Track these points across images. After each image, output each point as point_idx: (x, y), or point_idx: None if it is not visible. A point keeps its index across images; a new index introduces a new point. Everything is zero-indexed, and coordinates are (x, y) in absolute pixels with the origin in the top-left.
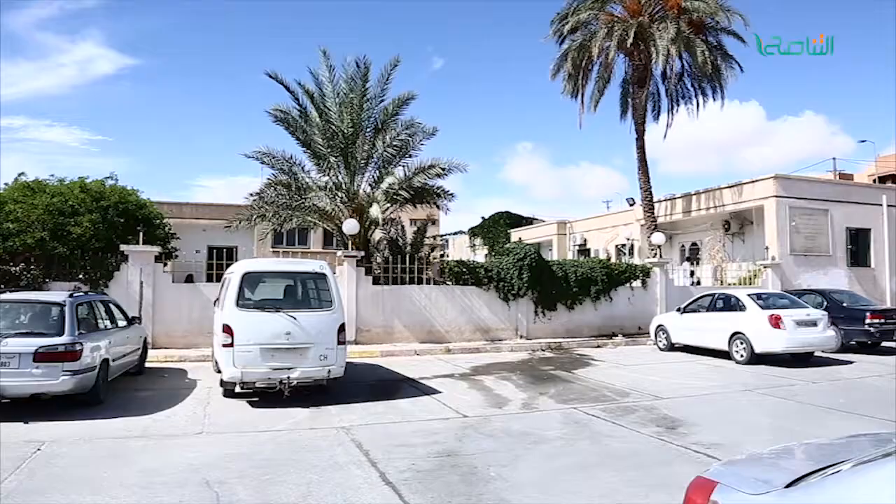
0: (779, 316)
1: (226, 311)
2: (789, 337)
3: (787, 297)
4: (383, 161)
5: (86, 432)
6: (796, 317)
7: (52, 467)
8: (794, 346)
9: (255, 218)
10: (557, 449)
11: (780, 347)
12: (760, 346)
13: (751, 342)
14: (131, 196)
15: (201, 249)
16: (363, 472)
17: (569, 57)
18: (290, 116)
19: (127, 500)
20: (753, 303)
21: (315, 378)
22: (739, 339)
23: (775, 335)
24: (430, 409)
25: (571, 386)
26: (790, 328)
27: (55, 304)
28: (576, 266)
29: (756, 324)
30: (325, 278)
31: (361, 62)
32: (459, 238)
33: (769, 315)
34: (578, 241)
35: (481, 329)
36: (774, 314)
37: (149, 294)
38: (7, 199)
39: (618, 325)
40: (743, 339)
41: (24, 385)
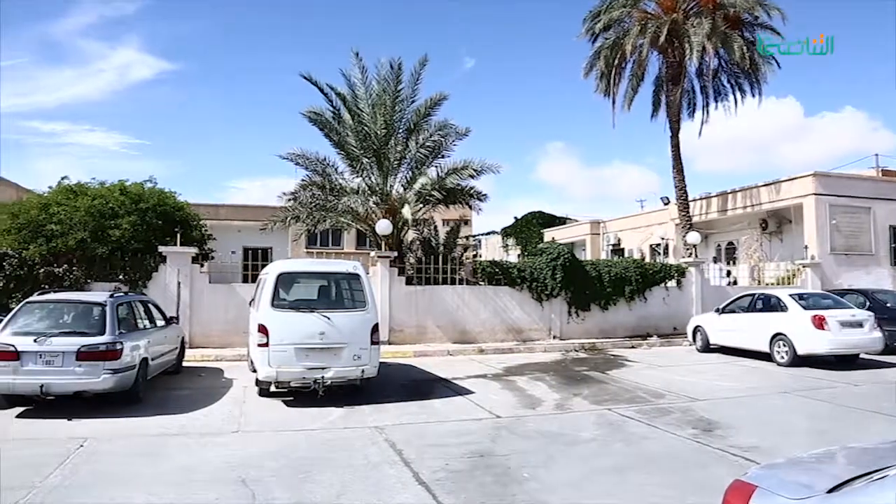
0: (822, 317)
1: (261, 312)
2: (833, 338)
3: (830, 298)
4: (416, 162)
5: (126, 430)
6: (841, 317)
7: (94, 463)
8: (838, 347)
9: (289, 219)
10: (591, 450)
11: (823, 349)
12: (803, 348)
13: (793, 343)
14: (169, 198)
15: (237, 250)
16: (396, 471)
17: (601, 55)
18: (324, 118)
19: (166, 497)
20: (795, 303)
21: (349, 378)
22: (781, 341)
23: (819, 336)
24: (463, 409)
25: (605, 387)
26: (834, 329)
27: (96, 305)
28: (609, 266)
29: (799, 325)
30: (358, 279)
31: (394, 63)
32: (492, 238)
33: (812, 316)
34: (612, 240)
35: (514, 329)
36: (818, 315)
37: (186, 294)
38: (51, 201)
39: (652, 326)
40: (785, 341)
41: (68, 383)
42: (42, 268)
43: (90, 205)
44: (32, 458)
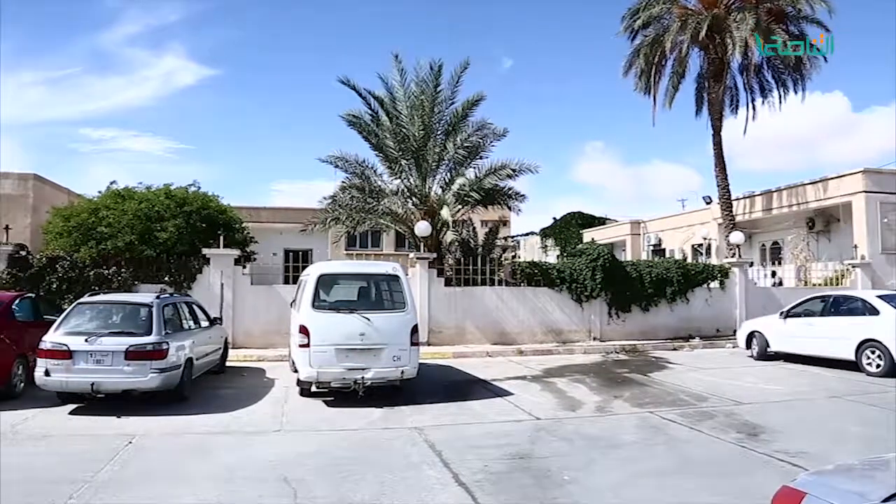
0: None
1: (302, 313)
2: None
3: None
4: (454, 163)
5: (172, 427)
6: None
7: (142, 460)
8: None
9: (329, 221)
10: (633, 454)
11: None
12: None
13: (891, 351)
14: (212, 202)
15: (278, 252)
16: (436, 472)
17: (641, 53)
18: (363, 121)
19: (210, 493)
20: (888, 306)
21: (388, 378)
22: (872, 348)
23: None
24: (502, 410)
25: (647, 389)
26: None
27: (144, 306)
28: (650, 266)
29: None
30: (398, 280)
31: (434, 65)
32: (531, 239)
33: None
34: (653, 241)
35: (553, 331)
36: None
37: (229, 296)
38: (100, 205)
39: (695, 328)
40: (878, 348)
41: (117, 381)
42: (92, 269)
43: (137, 208)
44: (85, 453)
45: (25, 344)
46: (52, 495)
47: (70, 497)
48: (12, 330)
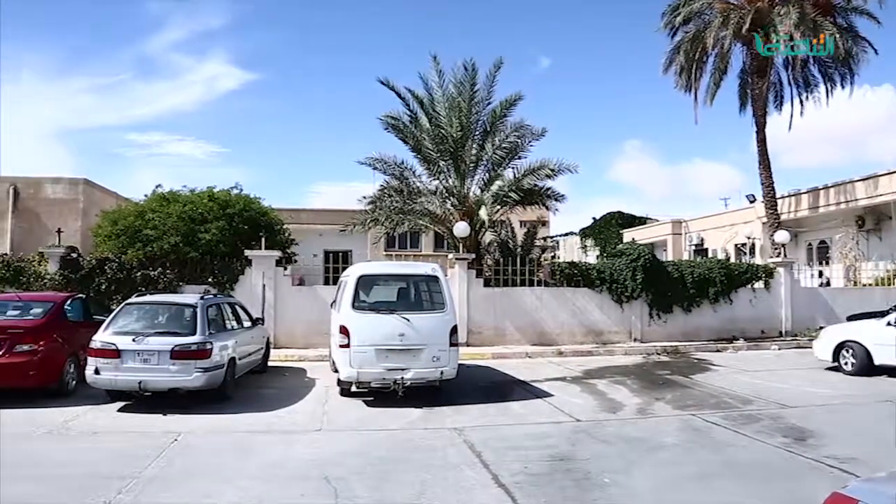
0: None
1: (342, 313)
2: None
3: None
4: (492, 163)
5: (216, 426)
6: None
7: (187, 457)
8: None
9: (368, 222)
10: (675, 456)
11: None
12: None
13: None
14: (254, 204)
15: (318, 253)
16: (476, 473)
17: (681, 49)
18: (401, 122)
19: (253, 491)
20: None
21: (428, 379)
22: None
23: None
24: (541, 412)
25: (689, 391)
26: None
27: (188, 306)
28: (692, 267)
29: None
30: (437, 281)
31: (469, 65)
32: (570, 239)
33: None
34: (694, 240)
35: (593, 332)
36: None
37: (270, 296)
38: (146, 208)
39: (739, 329)
40: None
41: (163, 380)
42: (139, 271)
43: (181, 211)
44: (133, 449)
45: (76, 343)
46: (102, 490)
47: (119, 492)
48: (64, 330)
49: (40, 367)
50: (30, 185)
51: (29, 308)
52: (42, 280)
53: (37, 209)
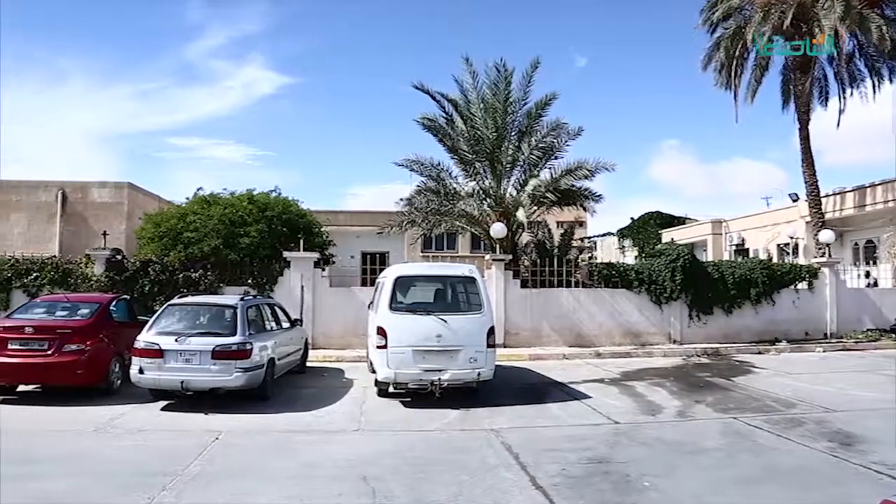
0: None
1: (379, 314)
2: None
3: None
4: (529, 164)
5: (255, 425)
6: None
7: (228, 455)
8: None
9: (405, 224)
10: (716, 460)
11: None
12: None
13: None
14: (292, 206)
15: (355, 255)
16: (513, 475)
17: (721, 46)
18: (437, 124)
19: (292, 490)
20: None
21: (465, 380)
22: None
23: None
24: (579, 414)
25: (730, 394)
26: None
27: (228, 307)
28: (733, 267)
29: None
30: (474, 282)
31: (504, 67)
32: (608, 240)
33: None
34: (735, 240)
35: (631, 333)
36: None
37: (309, 298)
38: (188, 211)
39: (781, 331)
40: None
41: (204, 380)
42: (181, 273)
43: (222, 213)
44: (176, 448)
45: (122, 343)
46: (147, 487)
47: (163, 489)
48: (110, 330)
49: (88, 366)
50: (77, 190)
51: (77, 309)
52: (89, 281)
53: (84, 212)
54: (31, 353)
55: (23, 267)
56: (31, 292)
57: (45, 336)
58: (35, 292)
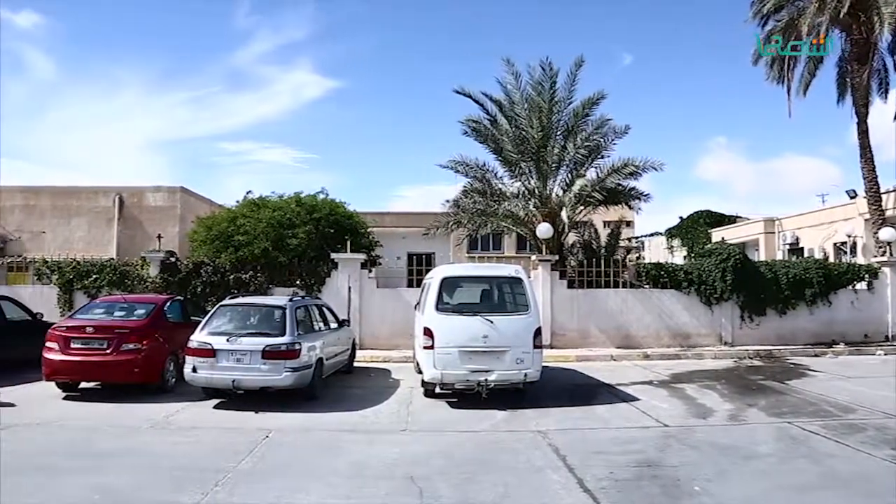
0: None
1: (426, 315)
2: None
3: None
4: (574, 163)
5: (304, 424)
6: None
7: (278, 453)
8: None
9: (451, 225)
10: (770, 466)
11: None
12: None
13: None
14: (339, 208)
15: (401, 256)
16: (560, 477)
17: (772, 39)
18: (481, 125)
19: (340, 489)
20: None
21: (512, 381)
22: None
23: None
24: (628, 416)
25: (785, 398)
26: None
27: (278, 308)
28: (787, 267)
29: None
30: (520, 282)
31: (549, 66)
32: (656, 239)
33: None
34: (789, 239)
35: (681, 335)
36: None
37: (356, 298)
38: (238, 214)
39: (838, 333)
40: None
41: (255, 379)
42: (232, 274)
43: (271, 216)
44: (228, 445)
45: (176, 343)
46: (201, 482)
47: (216, 484)
48: (165, 330)
49: (144, 364)
50: (133, 195)
51: (133, 309)
52: (144, 283)
53: (139, 216)
54: (91, 351)
55: (84, 269)
56: (92, 293)
57: (105, 336)
58: (95, 293)
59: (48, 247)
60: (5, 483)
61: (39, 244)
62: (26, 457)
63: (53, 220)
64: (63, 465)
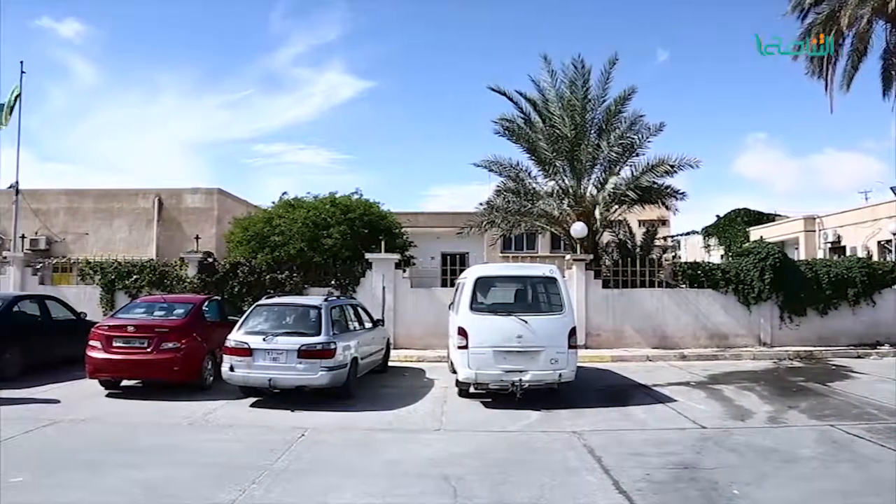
0: None
1: (460, 315)
2: None
3: None
4: (608, 162)
5: (339, 423)
6: None
7: (314, 451)
8: None
9: (484, 224)
10: (812, 470)
11: None
12: None
13: None
14: (373, 208)
15: (435, 256)
16: (596, 478)
17: (812, 32)
18: (515, 124)
19: (375, 487)
20: None
21: (546, 381)
22: None
23: None
24: (664, 417)
25: (826, 400)
26: None
27: (313, 308)
28: (828, 266)
29: None
30: (555, 282)
31: (580, 63)
32: (692, 238)
33: None
34: (830, 237)
35: (718, 335)
36: None
37: (390, 298)
38: (273, 215)
39: (883, 334)
40: None
41: (291, 378)
42: (268, 274)
43: (306, 216)
44: (264, 443)
45: (213, 342)
46: (238, 479)
47: (253, 482)
48: (203, 329)
49: (183, 363)
50: (172, 196)
51: (172, 309)
52: (183, 283)
53: (178, 218)
54: (132, 350)
55: (125, 269)
56: (132, 293)
57: (145, 335)
58: (135, 293)
59: (91, 248)
60: (53, 477)
61: (83, 245)
62: (71, 452)
63: (96, 221)
64: (106, 461)
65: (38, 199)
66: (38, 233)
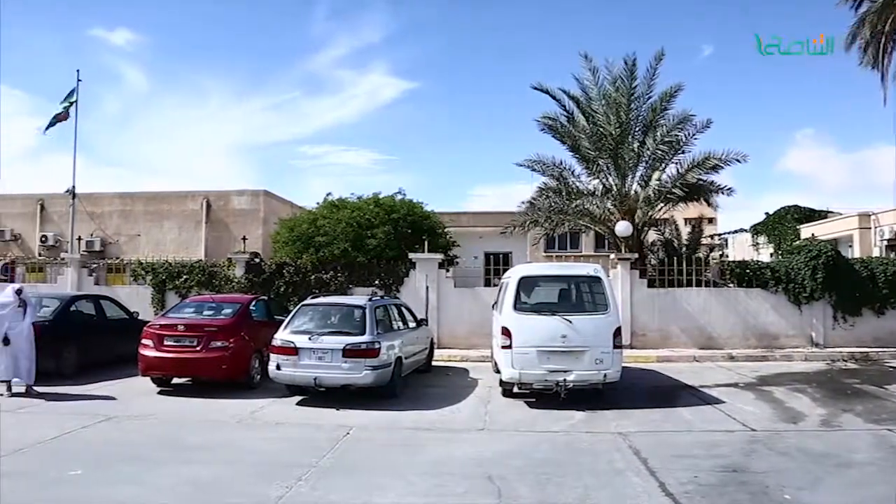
0: None
1: (504, 315)
2: None
3: None
4: (653, 159)
5: (384, 422)
6: None
7: (359, 450)
8: None
9: (527, 224)
10: (868, 476)
11: None
12: None
13: None
14: (417, 208)
15: (478, 255)
16: (641, 480)
17: (866, 22)
18: (558, 123)
19: (419, 486)
20: None
21: (590, 381)
22: None
23: None
24: (711, 419)
25: (884, 403)
26: None
27: (358, 307)
28: (885, 264)
29: None
30: (599, 282)
31: (627, 60)
32: (740, 237)
33: None
34: (886, 235)
35: (767, 335)
36: None
37: (433, 298)
38: (318, 215)
39: None
40: None
41: (336, 377)
42: (313, 274)
43: (350, 217)
44: (310, 440)
45: (260, 341)
46: (284, 476)
47: (299, 479)
48: (250, 328)
49: (231, 361)
50: (220, 198)
51: (221, 309)
52: (231, 283)
53: (225, 219)
54: (182, 348)
55: (175, 270)
56: (182, 293)
57: (195, 333)
58: (185, 293)
59: (142, 249)
60: (107, 471)
61: (135, 246)
62: (125, 447)
63: (147, 223)
64: (157, 457)
65: (93, 203)
66: (93, 235)
